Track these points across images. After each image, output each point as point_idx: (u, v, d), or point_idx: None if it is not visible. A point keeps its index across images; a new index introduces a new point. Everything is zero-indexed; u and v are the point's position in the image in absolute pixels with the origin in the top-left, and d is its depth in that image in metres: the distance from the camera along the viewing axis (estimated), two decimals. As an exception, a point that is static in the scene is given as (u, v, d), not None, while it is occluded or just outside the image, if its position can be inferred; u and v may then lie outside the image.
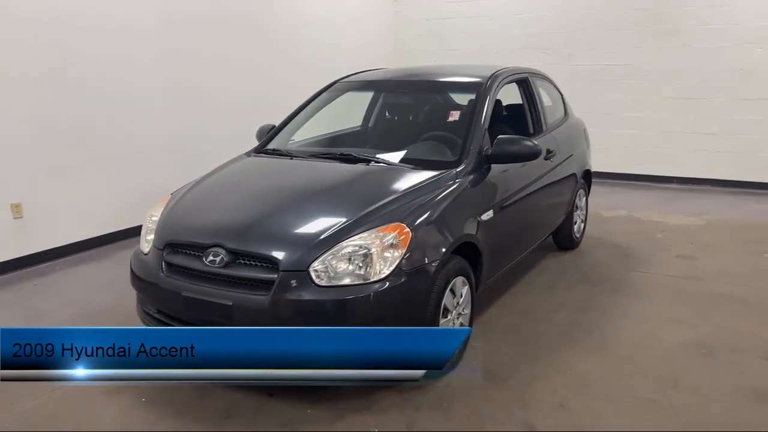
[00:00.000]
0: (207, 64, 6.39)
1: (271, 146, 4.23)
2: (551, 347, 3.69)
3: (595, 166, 8.55)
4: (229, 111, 6.64)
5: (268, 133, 4.39)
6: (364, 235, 2.96)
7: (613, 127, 8.42)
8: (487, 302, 4.30)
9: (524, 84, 4.72)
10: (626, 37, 8.17)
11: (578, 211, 5.46)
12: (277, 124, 4.41)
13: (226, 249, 3.00)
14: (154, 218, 3.45)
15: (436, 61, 9.27)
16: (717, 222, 6.37)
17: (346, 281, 2.89)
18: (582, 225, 5.64)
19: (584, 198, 5.58)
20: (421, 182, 3.38)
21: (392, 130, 4.55)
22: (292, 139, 4.45)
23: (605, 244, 5.67)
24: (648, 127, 8.25)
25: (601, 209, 6.86)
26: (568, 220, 5.26)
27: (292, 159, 3.91)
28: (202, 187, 3.65)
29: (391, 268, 2.92)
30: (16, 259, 5.03)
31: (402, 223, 3.04)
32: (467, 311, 3.49)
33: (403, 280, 2.95)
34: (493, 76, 4.20)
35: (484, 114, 3.89)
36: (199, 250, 3.10)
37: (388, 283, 2.91)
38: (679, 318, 4.09)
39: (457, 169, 3.54)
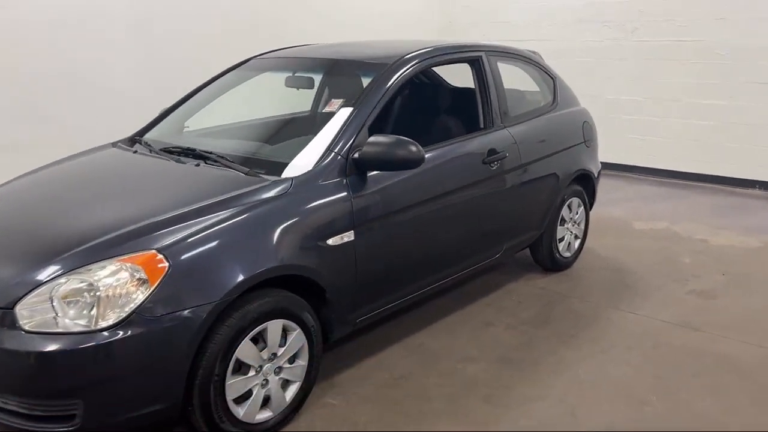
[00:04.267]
0: (180, 35, 5.80)
1: (151, 135, 3.55)
2: (425, 417, 2.78)
3: (651, 162, 7.22)
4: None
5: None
6: (99, 265, 2.22)
7: (680, 116, 7.00)
8: (388, 339, 3.43)
9: (476, 65, 3.71)
10: (705, 7, 6.66)
11: (567, 225, 4.35)
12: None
13: None
14: None
15: (484, 35, 8.21)
16: (778, 246, 4.98)
17: (63, 328, 2.17)
18: (577, 242, 4.52)
19: (580, 208, 4.45)
20: (237, 193, 2.57)
21: (286, 120, 3.71)
22: (187, 126, 3.75)
23: (608, 267, 4.52)
24: (725, 118, 6.75)
25: (635, 219, 5.62)
26: (548, 236, 4.19)
27: (134, 153, 3.21)
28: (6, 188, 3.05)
29: (127, 313, 2.17)
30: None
31: (157, 250, 2.26)
32: (300, 364, 2.66)
33: (147, 329, 2.19)
34: (405, 58, 3.25)
35: (371, 105, 2.98)
36: None
37: (121, 333, 2.16)
38: (628, 389, 3.00)
39: (300, 176, 2.69)
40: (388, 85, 3.10)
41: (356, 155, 2.81)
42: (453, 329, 3.59)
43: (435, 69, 4.38)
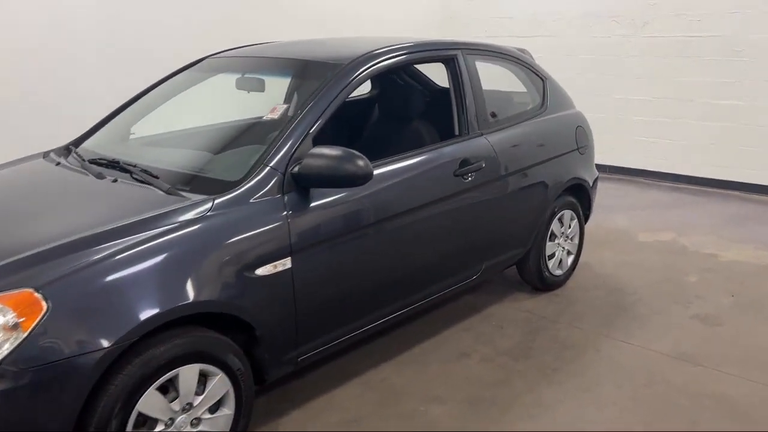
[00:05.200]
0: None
1: (90, 143, 3.22)
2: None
3: (662, 166, 6.71)
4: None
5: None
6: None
7: (694, 117, 6.53)
8: (347, 373, 3.06)
9: (450, 65, 3.32)
10: (720, 0, 6.17)
11: (558, 240, 3.95)
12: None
13: None
14: None
15: (486, 30, 7.80)
16: (796, 262, 4.52)
17: None
18: (570, 258, 4.11)
19: (573, 222, 4.04)
20: (146, 216, 2.21)
21: (231, 128, 3.34)
22: (133, 132, 3.41)
23: (604, 286, 4.11)
24: (742, 119, 6.27)
25: (640, 229, 5.19)
26: (536, 253, 3.79)
27: (56, 165, 2.87)
28: None
29: (-9, 364, 1.83)
30: None
31: (34, 288, 1.91)
32: (225, 413, 2.30)
33: (17, 384, 1.84)
34: (360, 58, 2.87)
35: (317, 112, 2.61)
36: None
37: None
38: (611, 439, 2.61)
39: (224, 195, 2.33)
40: (341, 88, 2.73)
41: (296, 169, 2.44)
42: (423, 360, 3.21)
43: (420, 69, 4.04)
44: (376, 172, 2.74)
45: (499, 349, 3.33)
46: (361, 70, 2.83)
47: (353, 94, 3.96)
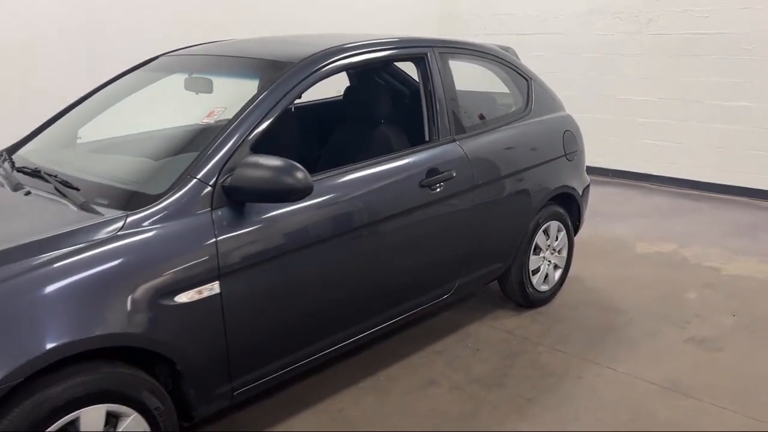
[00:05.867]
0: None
1: (30, 147, 2.96)
2: None
3: (667, 170, 6.34)
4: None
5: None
6: None
7: (701, 119, 6.19)
8: (300, 402, 2.79)
9: (420, 65, 3.04)
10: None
11: (544, 253, 3.65)
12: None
13: None
14: None
15: (486, 28, 7.50)
16: (805, 277, 4.19)
17: None
18: (558, 273, 3.81)
19: (561, 233, 3.73)
20: (47, 236, 1.94)
21: (175, 134, 3.06)
22: (79, 137, 3.14)
23: (595, 304, 3.80)
24: (752, 122, 5.92)
25: (640, 239, 4.87)
26: (518, 268, 3.50)
27: (-20, 175, 2.62)
28: None
29: None
30: None
31: None
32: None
33: None
34: (312, 57, 2.59)
35: (257, 116, 2.34)
36: None
37: None
38: (585, 487, 2.31)
39: (138, 212, 2.06)
40: (287, 89, 2.45)
41: (227, 181, 2.17)
42: (386, 388, 2.93)
43: (401, 67, 3.76)
44: (329, 182, 2.48)
45: (472, 375, 3.04)
46: (312, 70, 2.55)
47: (320, 96, 3.77)
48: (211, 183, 2.16)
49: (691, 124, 6.28)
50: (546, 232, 3.64)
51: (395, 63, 3.54)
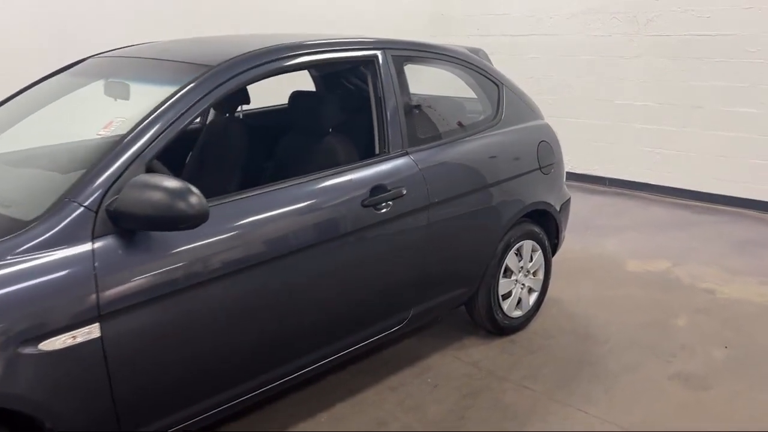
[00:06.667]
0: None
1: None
2: None
3: (667, 180, 5.93)
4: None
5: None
6: None
7: (702, 126, 5.82)
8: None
9: (370, 69, 2.72)
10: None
11: (516, 276, 3.32)
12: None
13: None
14: None
15: (479, 29, 7.17)
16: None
17: None
18: (533, 297, 3.47)
19: (536, 253, 3.40)
20: None
21: (79, 148, 2.74)
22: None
23: (574, 331, 3.46)
24: (757, 129, 5.54)
25: (631, 255, 4.52)
26: (485, 293, 3.17)
27: None
28: None
29: None
30: None
31: None
32: None
33: None
34: (229, 62, 2.27)
35: (156, 130, 2.03)
36: None
37: None
38: None
39: (2, 244, 1.75)
40: (198, 97, 2.14)
41: (113, 206, 1.86)
42: (324, 433, 2.61)
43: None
44: (243, 205, 2.17)
45: (426, 417, 2.71)
46: (231, 75, 2.23)
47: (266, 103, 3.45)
48: (93, 207, 1.85)
49: (692, 131, 5.91)
50: (519, 253, 3.30)
51: (341, 66, 3.21)
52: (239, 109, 3.38)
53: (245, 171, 3.03)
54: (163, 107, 2.07)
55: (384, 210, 2.54)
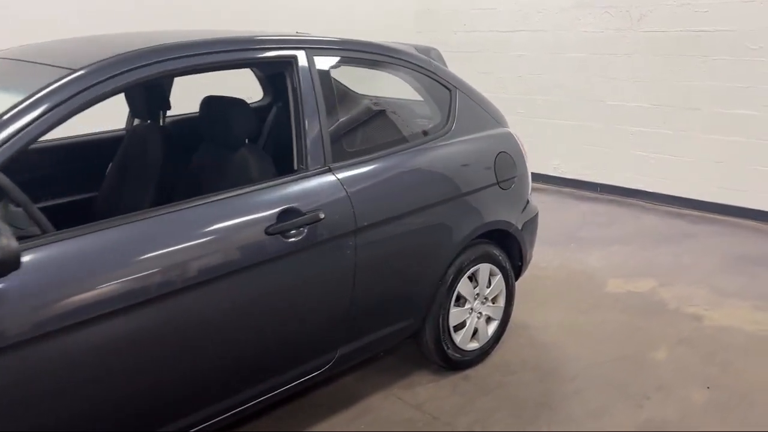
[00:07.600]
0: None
1: None
2: None
3: (662, 186, 5.48)
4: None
5: None
6: None
7: (700, 129, 5.41)
8: None
9: (288, 72, 2.35)
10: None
11: (472, 304, 2.94)
12: None
13: None
14: None
15: (466, 24, 6.78)
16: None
17: None
18: (493, 326, 3.10)
19: (495, 278, 3.02)
20: None
21: None
22: None
23: (537, 366, 3.09)
24: (758, 133, 5.12)
25: (614, 273, 4.13)
26: (433, 325, 2.80)
27: None
28: None
29: None
30: None
31: None
32: None
33: None
34: (97, 65, 1.91)
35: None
36: None
37: None
38: None
39: None
40: (46, 109, 1.77)
41: None
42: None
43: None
44: (114, 234, 1.81)
45: (350, 474, 2.35)
46: (92, 81, 1.86)
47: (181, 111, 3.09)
48: None
49: (689, 134, 5.49)
50: (474, 278, 2.92)
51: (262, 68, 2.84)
52: (164, 115, 3.02)
53: (160, 186, 2.69)
54: (8, 115, 1.71)
55: (295, 238, 2.17)
